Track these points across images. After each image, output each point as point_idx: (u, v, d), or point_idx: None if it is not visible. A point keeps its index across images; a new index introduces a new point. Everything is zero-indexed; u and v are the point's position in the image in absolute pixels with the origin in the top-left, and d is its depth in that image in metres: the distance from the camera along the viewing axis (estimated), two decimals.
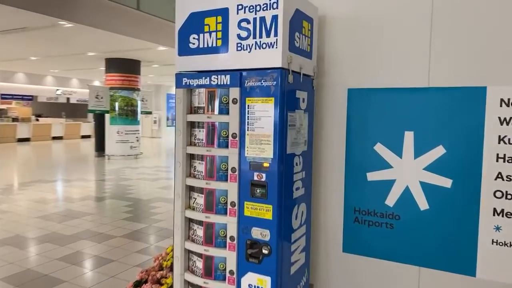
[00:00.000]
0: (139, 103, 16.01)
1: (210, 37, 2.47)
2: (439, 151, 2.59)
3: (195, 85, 2.52)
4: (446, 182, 2.60)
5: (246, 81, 2.35)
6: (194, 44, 2.53)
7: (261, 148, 2.33)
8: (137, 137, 15.84)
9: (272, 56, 2.27)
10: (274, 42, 2.26)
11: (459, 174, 2.51)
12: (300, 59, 2.48)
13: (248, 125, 2.36)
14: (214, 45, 2.46)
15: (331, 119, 2.95)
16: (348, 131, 2.89)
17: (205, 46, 2.49)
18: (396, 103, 2.72)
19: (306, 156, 2.66)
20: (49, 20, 9.29)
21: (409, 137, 2.69)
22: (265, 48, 2.29)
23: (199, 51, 2.52)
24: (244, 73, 2.35)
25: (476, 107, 2.46)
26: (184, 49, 2.57)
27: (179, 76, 2.59)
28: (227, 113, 2.44)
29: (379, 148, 2.80)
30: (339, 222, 2.94)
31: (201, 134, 2.56)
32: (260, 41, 2.30)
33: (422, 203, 2.71)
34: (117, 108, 15.38)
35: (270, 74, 2.27)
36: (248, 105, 2.35)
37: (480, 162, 2.46)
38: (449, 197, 2.54)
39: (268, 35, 2.28)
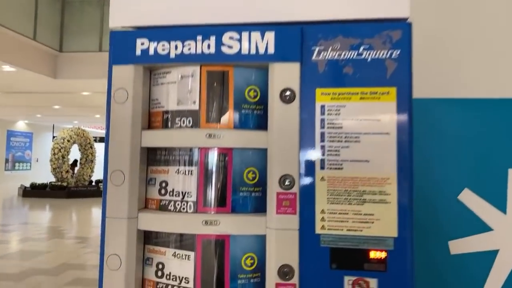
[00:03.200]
0: None
1: None
2: None
3: (173, 56, 1.00)
4: None
5: (317, 49, 0.96)
6: None
7: (363, 214, 0.93)
8: None
9: None
10: None
11: None
12: None
13: (325, 154, 0.95)
14: None
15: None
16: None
17: None
18: (493, 123, 1.68)
19: None
20: None
21: None
22: None
23: None
24: (310, 29, 0.97)
25: None
26: None
27: (121, 36, 1.04)
28: (261, 126, 1.00)
29: (468, 198, 1.67)
30: None
31: (180, 180, 1.01)
32: None
33: None
34: None
35: (385, 32, 0.95)
36: (324, 107, 0.96)
37: None
38: None
39: None
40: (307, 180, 0.95)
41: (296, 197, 0.94)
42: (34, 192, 15.36)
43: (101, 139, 22.30)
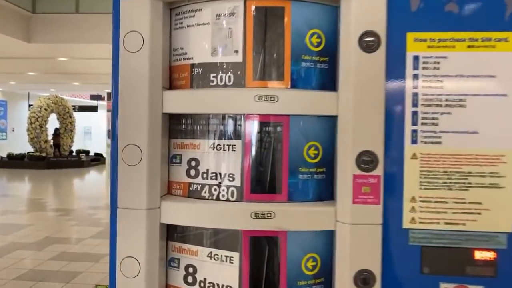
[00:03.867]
0: None
1: None
2: None
3: None
4: None
5: None
6: None
7: (467, 202, 0.70)
8: None
9: None
10: None
11: None
12: None
13: (419, 123, 0.70)
14: None
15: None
16: None
17: None
18: None
19: None
20: None
21: None
22: None
23: None
24: None
25: None
26: None
27: None
28: (325, 85, 0.74)
29: None
30: None
31: (217, 157, 0.75)
32: None
33: None
34: None
35: None
36: (418, 58, 0.70)
37: None
38: None
39: None
40: (392, 159, 0.71)
41: (380, 181, 0.70)
42: (11, 163, 14.82)
43: (81, 108, 21.54)
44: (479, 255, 0.70)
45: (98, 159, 16.55)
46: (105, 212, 6.56)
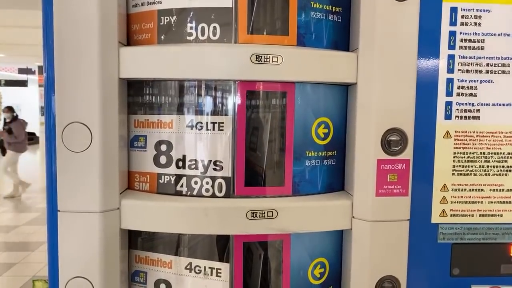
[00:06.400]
0: None
1: None
2: None
3: None
4: None
5: None
6: None
7: (505, 189, 0.58)
8: None
9: None
10: None
11: None
12: None
13: (453, 93, 0.56)
14: None
15: None
16: None
17: None
18: None
19: None
20: None
21: None
22: None
23: None
24: None
25: None
26: None
27: None
28: (338, 43, 0.57)
29: None
30: None
31: (197, 139, 0.56)
32: None
33: None
34: None
35: None
36: (456, 11, 0.55)
37: None
38: None
39: None
40: (421, 138, 0.57)
41: (409, 167, 0.55)
42: None
43: (8, 83, 19.61)
44: None
45: (31, 138, 15.27)
46: (40, 196, 6.03)
